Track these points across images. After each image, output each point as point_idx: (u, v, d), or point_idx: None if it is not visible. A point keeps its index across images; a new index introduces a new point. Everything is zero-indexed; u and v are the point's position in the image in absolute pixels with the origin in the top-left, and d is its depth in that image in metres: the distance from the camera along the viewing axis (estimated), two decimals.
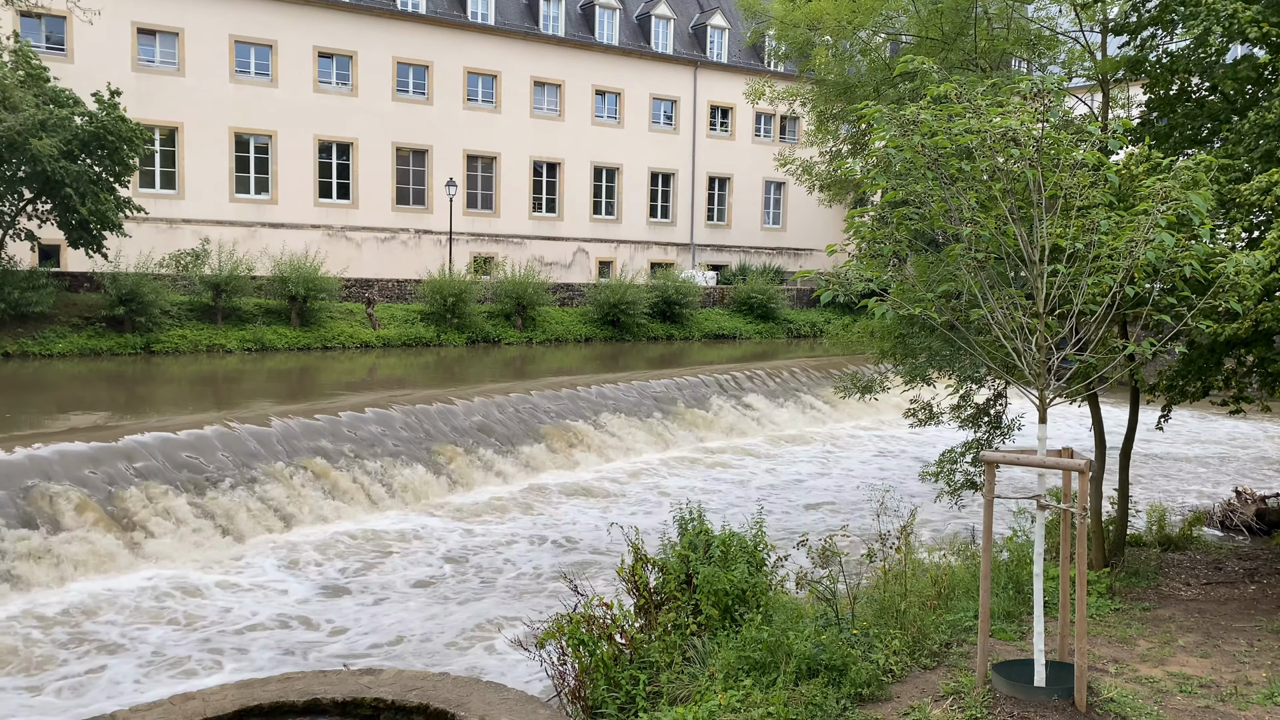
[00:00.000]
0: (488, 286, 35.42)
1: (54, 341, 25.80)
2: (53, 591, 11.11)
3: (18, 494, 12.20)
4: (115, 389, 22.54)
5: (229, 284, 29.19)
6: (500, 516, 14.94)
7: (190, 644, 9.82)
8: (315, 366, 27.31)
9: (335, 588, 11.60)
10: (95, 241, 26.65)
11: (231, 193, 37.05)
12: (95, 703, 8.53)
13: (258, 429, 15.49)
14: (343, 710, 7.45)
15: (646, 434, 20.31)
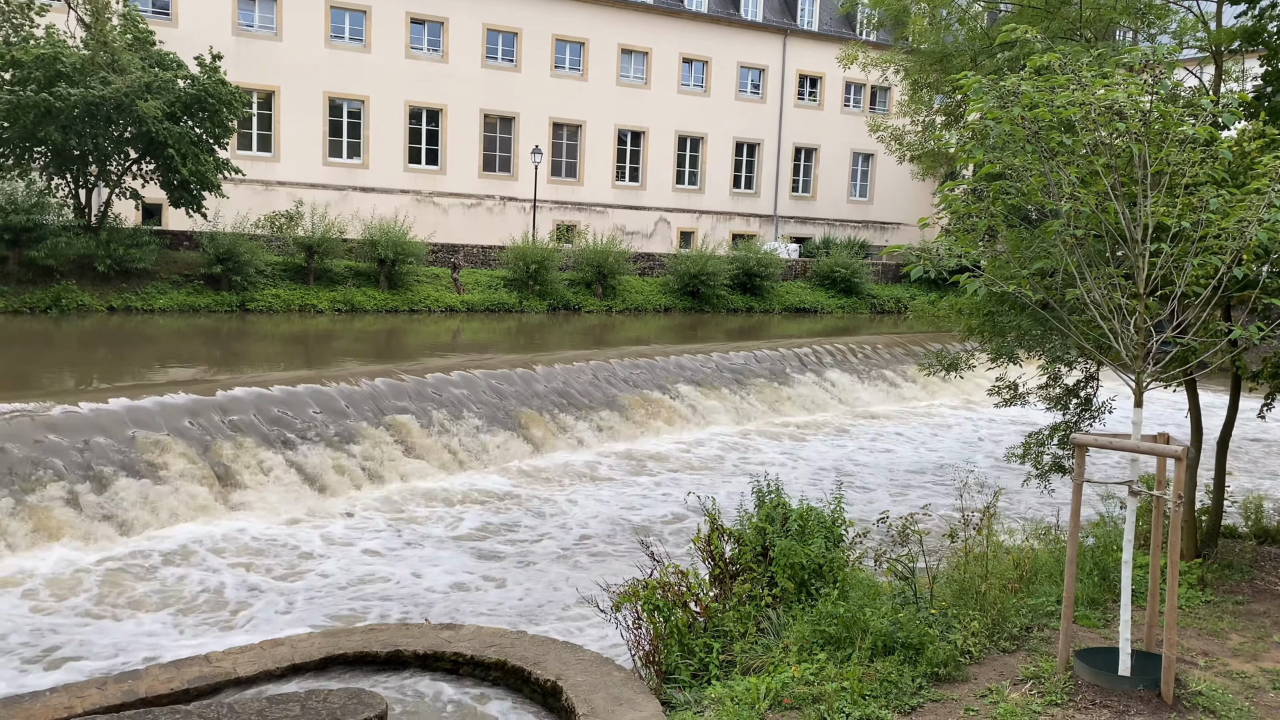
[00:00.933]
0: (569, 254, 35.64)
1: (155, 297, 26.82)
2: (152, 536, 11.62)
3: (122, 442, 12.77)
4: (212, 344, 23.37)
5: (321, 246, 29.93)
6: (577, 481, 15.13)
7: (278, 591, 10.20)
8: (402, 329, 27.90)
9: (416, 543, 11.91)
10: (195, 201, 27.55)
11: (325, 156, 37.89)
12: (190, 642, 8.94)
13: (347, 388, 15.92)
14: (423, 663, 7.68)
15: (723, 406, 20.29)
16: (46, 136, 25.04)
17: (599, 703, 6.57)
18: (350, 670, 7.58)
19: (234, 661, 7.45)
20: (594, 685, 6.84)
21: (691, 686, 6.90)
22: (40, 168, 26.30)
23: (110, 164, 26.88)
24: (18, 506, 11.19)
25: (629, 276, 36.35)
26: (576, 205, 43.45)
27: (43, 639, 8.79)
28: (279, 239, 30.43)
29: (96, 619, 9.33)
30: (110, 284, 26.35)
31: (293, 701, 6.26)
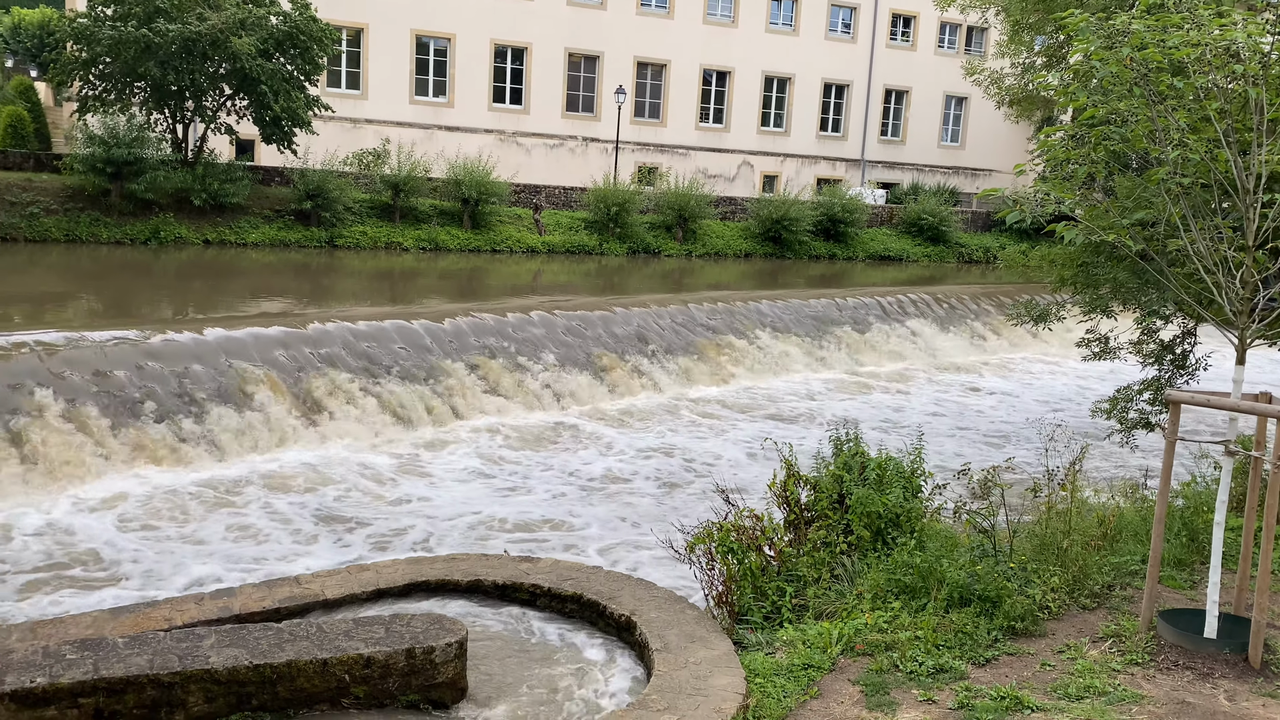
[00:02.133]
0: (650, 197, 35.44)
1: (248, 231, 27.56)
2: (244, 462, 12.10)
3: (218, 371, 13.25)
4: (301, 279, 23.98)
5: (406, 184, 30.30)
6: (653, 424, 15.23)
7: (361, 518, 10.56)
8: (483, 269, 28.21)
9: (493, 477, 12.17)
10: (286, 138, 28.08)
11: (411, 95, 38.18)
12: (280, 562, 9.33)
13: (431, 325, 16.22)
14: (502, 593, 7.89)
15: (802, 353, 20.13)
16: (146, 72, 25.70)
17: (672, 639, 6.69)
18: (431, 596, 7.84)
19: (322, 584, 7.76)
20: (667, 622, 6.96)
21: (763, 628, 6.97)
22: (140, 103, 27.05)
23: (205, 100, 27.51)
24: (120, 429, 11.73)
25: (709, 221, 36.04)
26: (659, 147, 43.09)
27: (139, 556, 9.26)
28: (366, 177, 30.89)
29: (189, 539, 9.79)
30: (205, 218, 27.14)
31: (378, 624, 6.51)
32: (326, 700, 6.05)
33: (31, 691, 5.47)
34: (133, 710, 5.67)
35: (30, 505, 10.17)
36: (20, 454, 10.84)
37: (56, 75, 27.51)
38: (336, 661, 6.04)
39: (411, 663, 6.19)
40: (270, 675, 5.89)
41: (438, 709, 6.27)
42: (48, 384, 11.71)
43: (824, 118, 46.70)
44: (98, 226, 25.51)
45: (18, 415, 11.16)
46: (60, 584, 8.55)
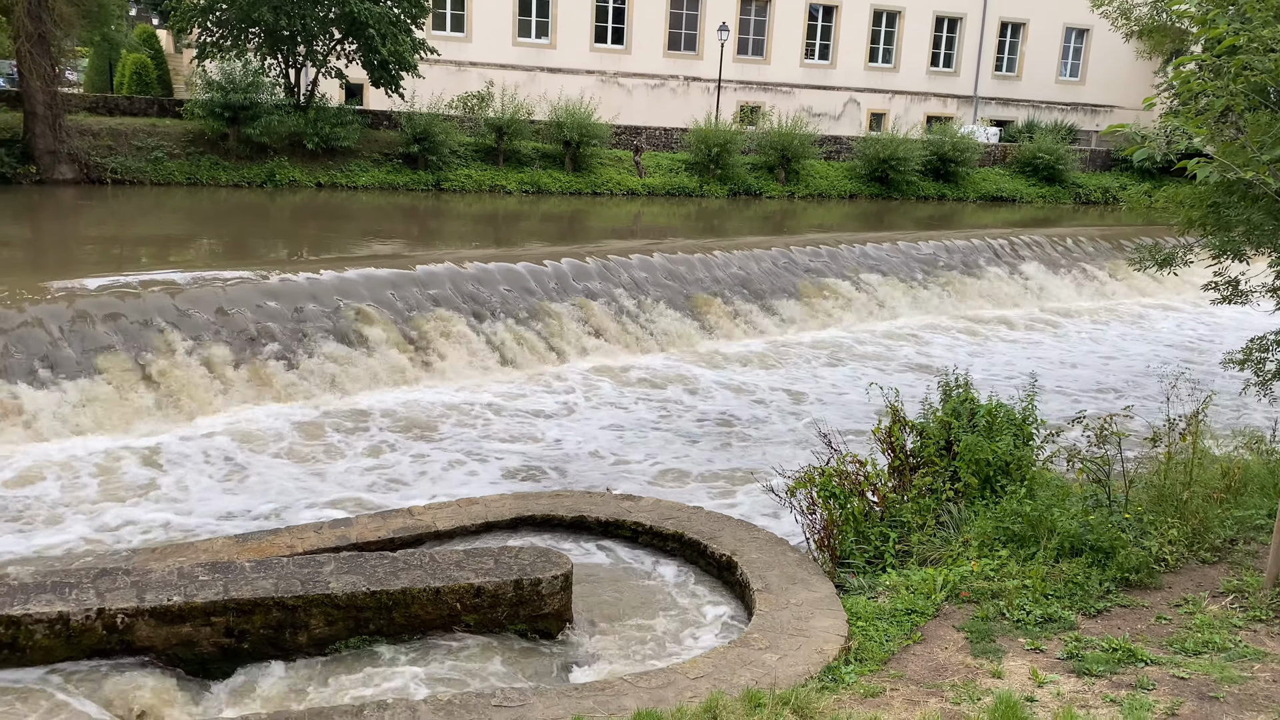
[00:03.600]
0: (752, 137, 34.85)
1: (358, 175, 28.20)
2: (356, 397, 12.52)
3: (330, 311, 13.69)
4: (409, 221, 24.48)
5: (510, 127, 30.47)
6: (753, 368, 15.16)
7: (467, 453, 10.85)
8: (584, 211, 28.30)
9: (592, 416, 12.34)
10: (393, 81, 28.48)
11: (514, 36, 38.18)
12: (392, 493, 9.69)
13: (534, 266, 16.41)
14: (604, 529, 8.05)
15: (909, 297, 19.69)
16: (260, 17, 26.32)
17: (773, 579, 6.73)
18: (537, 531, 8.06)
19: (434, 516, 8.04)
20: (768, 563, 7.00)
21: (865, 573, 6.95)
22: (255, 48, 27.75)
23: (316, 44, 28.05)
24: (240, 365, 12.26)
25: (814, 161, 35.28)
26: (762, 85, 42.22)
27: (260, 485, 9.72)
28: (470, 120, 31.16)
29: (306, 469, 10.22)
30: (318, 161, 27.84)
31: (487, 556, 6.73)
32: (439, 627, 6.31)
33: (169, 609, 5.85)
34: (259, 630, 6.01)
35: (159, 434, 10.76)
36: (151, 386, 11.45)
37: (177, 23, 28.40)
38: (449, 590, 6.27)
39: (519, 593, 6.39)
40: (386, 601, 6.16)
41: (544, 638, 6.48)
42: (175, 321, 12.30)
43: (935, 53, 44.96)
44: (217, 170, 26.45)
45: (149, 350, 11.77)
46: (193, 502, 9.06)
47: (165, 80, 35.17)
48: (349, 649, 6.10)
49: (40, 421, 10.44)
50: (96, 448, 10.26)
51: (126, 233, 20.26)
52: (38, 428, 10.38)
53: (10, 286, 12.12)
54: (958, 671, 5.40)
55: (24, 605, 5.69)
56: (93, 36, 30.53)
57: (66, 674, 5.61)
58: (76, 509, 8.84)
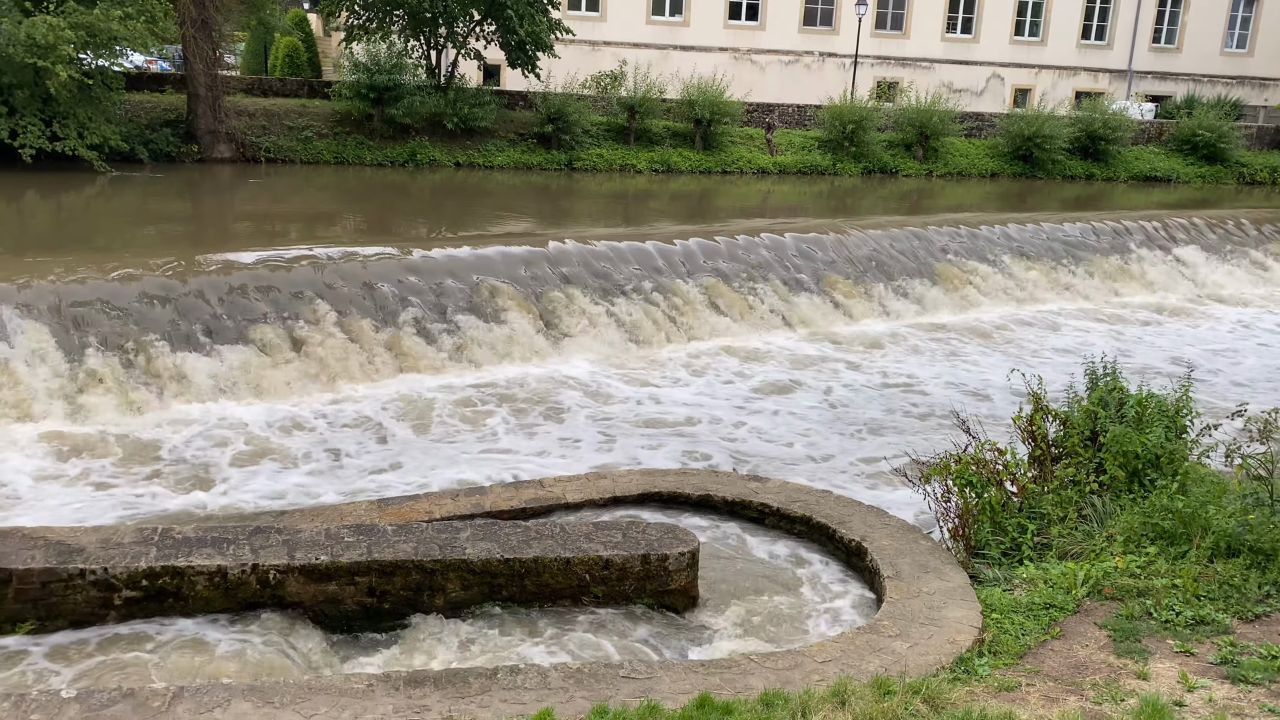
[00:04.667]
0: (889, 114, 33.93)
1: (494, 154, 28.82)
2: (490, 371, 12.86)
3: (468, 286, 14.07)
4: (542, 200, 24.89)
5: (641, 106, 30.55)
6: (886, 351, 14.84)
7: (599, 429, 11.01)
8: (714, 190, 28.18)
9: (720, 395, 12.32)
10: (530, 62, 28.92)
11: (648, 15, 38.21)
12: (523, 464, 9.91)
13: (663, 245, 16.45)
14: (731, 509, 8.05)
15: (1052, 280, 18.88)
16: (404, 0, 27.12)
17: (904, 567, 6.60)
18: (663, 508, 8.12)
19: (564, 488, 8.21)
20: (899, 550, 6.87)
21: (1001, 564, 6.74)
22: (399, 31, 28.62)
23: (457, 25, 28.72)
24: (383, 337, 12.74)
25: (953, 138, 34.11)
26: (900, 61, 41.04)
27: (399, 452, 10.10)
28: (603, 99, 31.37)
29: (444, 438, 10.56)
30: (456, 141, 28.57)
31: (615, 529, 6.82)
32: (568, 597, 6.44)
33: (316, 567, 6.16)
34: (399, 591, 6.27)
35: (306, 401, 11.30)
36: (300, 355, 12.03)
37: (326, 6, 29.53)
38: (578, 561, 6.40)
39: (646, 568, 6.47)
40: (519, 569, 6.34)
41: (670, 613, 6.54)
42: (323, 294, 12.87)
43: (1087, 24, 42.73)
44: (361, 149, 27.46)
45: (299, 321, 12.37)
46: (338, 466, 9.51)
47: (315, 63, 36.67)
48: (482, 613, 6.30)
49: (199, 386, 11.11)
50: (249, 413, 10.86)
51: (278, 209, 21.29)
52: (196, 392, 11.05)
53: (174, 259, 12.90)
54: (1099, 670, 5.20)
55: (187, 558, 6.09)
56: (249, 21, 32.03)
57: (225, 623, 5.99)
58: (230, 470, 9.39)
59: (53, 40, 20.20)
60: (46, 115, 21.80)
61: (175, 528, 6.54)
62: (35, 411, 9.91)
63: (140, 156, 23.78)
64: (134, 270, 12.10)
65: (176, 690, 4.72)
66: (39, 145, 21.33)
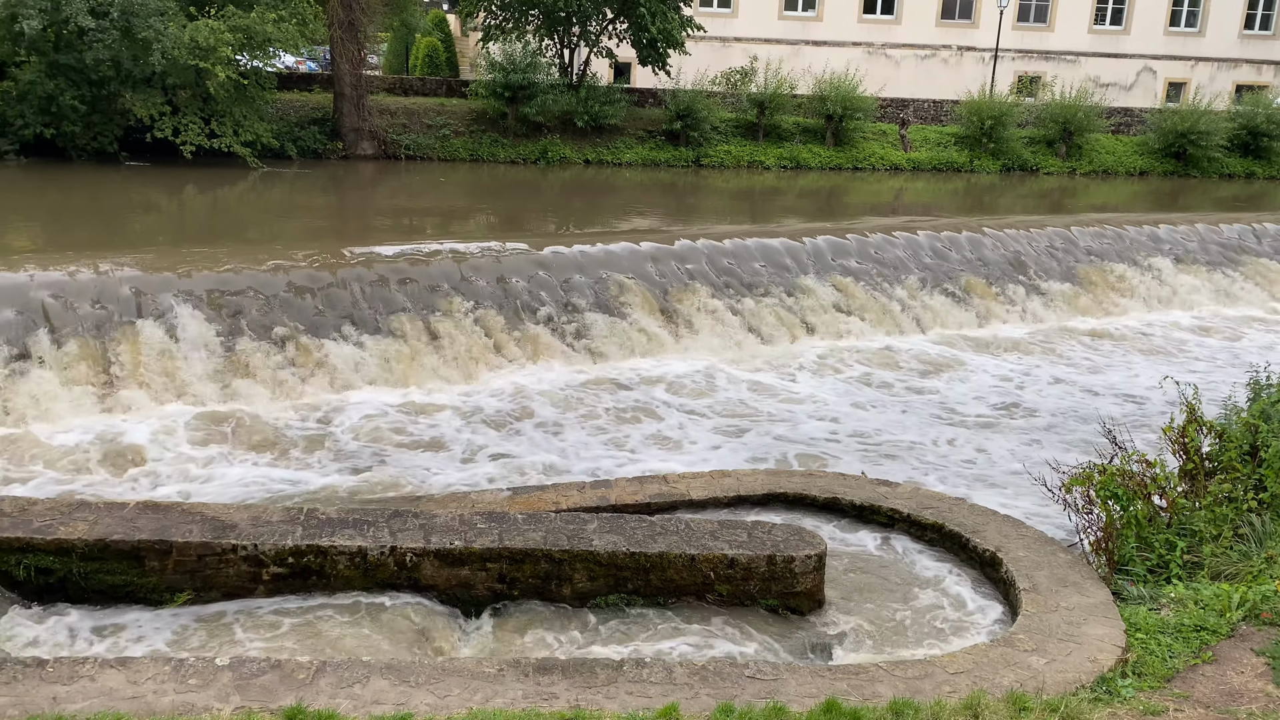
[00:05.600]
0: (1030, 109, 32.69)
1: (623, 151, 29.08)
2: (617, 366, 12.97)
3: (594, 282, 14.24)
4: (669, 196, 24.99)
5: (771, 102, 30.31)
6: (1025, 355, 14.31)
7: (721, 425, 10.98)
8: (844, 187, 27.72)
9: (850, 397, 12.11)
10: (660, 59, 29.06)
11: (780, 10, 37.86)
12: (646, 458, 9.98)
13: (791, 243, 16.27)
14: (859, 513, 7.91)
15: (1208, 285, 17.84)
16: (540, 0, 27.65)
17: (1041, 580, 6.36)
18: (789, 509, 8.04)
19: (688, 485, 8.22)
20: (1036, 563, 6.62)
21: (1147, 582, 6.42)
22: (533, 30, 29.20)
23: (590, 24, 29.10)
24: (514, 330, 13.02)
25: (1099, 135, 32.61)
26: (1043, 54, 39.45)
27: (528, 442, 10.30)
28: (732, 96, 31.27)
29: (572, 429, 10.72)
30: (586, 138, 28.97)
31: (740, 529, 6.80)
32: (692, 593, 6.46)
33: (451, 552, 6.35)
34: (529, 578, 6.41)
35: (440, 390, 11.66)
36: (436, 346, 12.41)
37: (465, 7, 30.39)
38: (703, 559, 6.41)
39: (772, 569, 6.42)
40: (645, 563, 6.38)
41: (794, 615, 6.48)
42: (458, 287, 13.24)
43: (1251, 13, 40.14)
44: (496, 147, 28.14)
45: (435, 313, 12.76)
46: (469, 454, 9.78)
47: (453, 62, 37.74)
48: (608, 605, 6.38)
49: (341, 373, 11.59)
50: (387, 399, 11.27)
51: (416, 204, 22.03)
52: (338, 379, 11.53)
53: (320, 251, 13.49)
54: (1256, 699, 4.89)
55: (330, 538, 6.38)
56: (392, 22, 33.27)
57: (363, 602, 6.24)
58: (369, 454, 9.77)
59: (213, 43, 21.40)
60: (205, 114, 23.13)
61: (319, 508, 6.85)
62: (192, 393, 10.54)
63: (289, 153, 24.97)
64: (283, 261, 12.71)
65: (320, 665, 4.95)
66: (198, 142, 22.64)
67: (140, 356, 10.63)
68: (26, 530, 6.20)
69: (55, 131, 22.28)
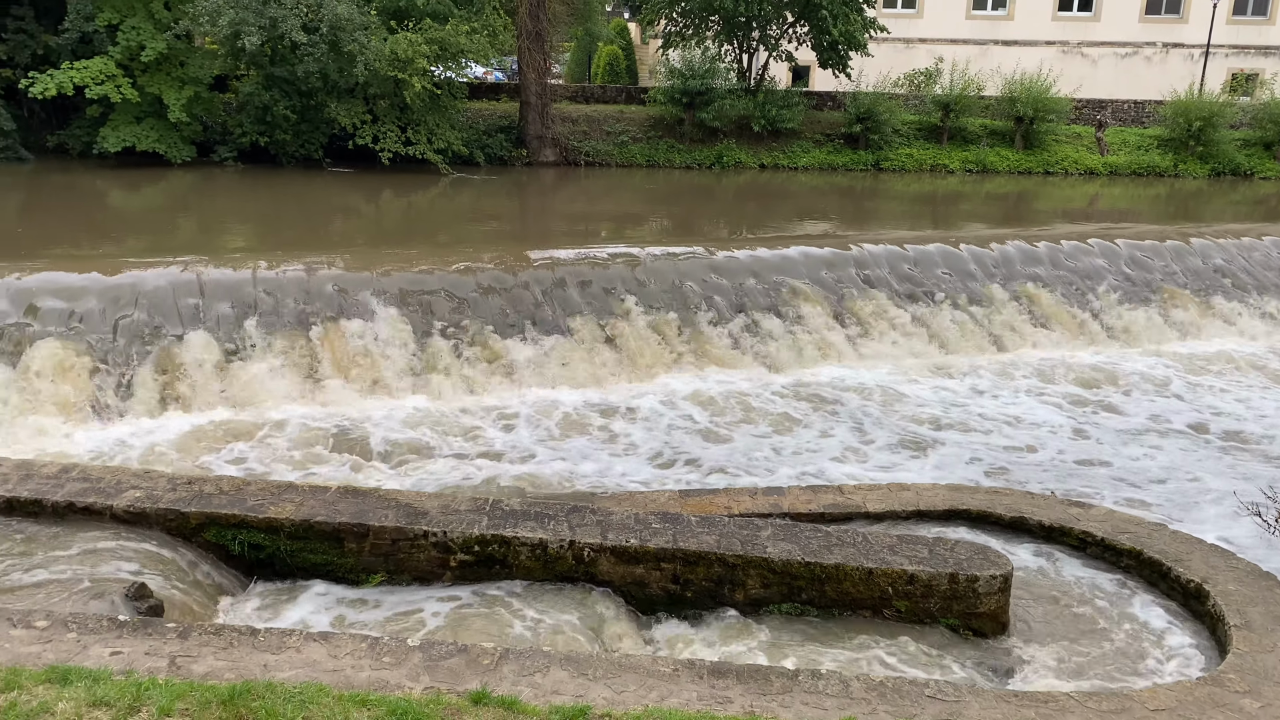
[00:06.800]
0: (1246, 109, 30.25)
1: (799, 155, 28.78)
2: (790, 372, 12.84)
3: (768, 287, 14.15)
4: (845, 201, 24.55)
5: (957, 104, 29.31)
6: (1235, 373, 13.25)
7: (901, 437, 10.68)
8: (1034, 192, 26.46)
9: (1037, 412, 11.53)
10: (841, 62, 28.60)
11: (968, 9, 36.55)
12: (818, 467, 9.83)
13: (976, 250, 15.67)
14: (1047, 534, 7.55)
15: None
16: (720, 5, 27.73)
17: (1255, 617, 5.88)
18: (971, 526, 7.74)
19: (864, 497, 8.05)
20: (1250, 598, 6.12)
21: None
22: (713, 36, 29.31)
23: (770, 28, 28.97)
24: (687, 334, 13.09)
25: None
26: (1262, 49, 36.41)
27: (699, 445, 10.34)
28: (916, 98, 30.42)
29: (743, 433, 10.69)
30: (762, 143, 28.84)
31: (920, 544, 6.60)
32: (869, 608, 6.32)
33: (627, 549, 6.46)
34: (701, 581, 6.44)
35: (615, 390, 11.86)
36: (611, 347, 12.65)
37: (647, 15, 30.84)
38: (881, 573, 6.26)
39: (954, 587, 6.21)
40: (820, 574, 6.30)
41: (977, 637, 6.23)
42: (633, 290, 13.45)
43: None
44: (672, 152, 28.42)
45: (611, 316, 13.01)
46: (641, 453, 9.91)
47: (632, 70, 38.40)
48: (781, 613, 6.32)
49: (522, 371, 12.00)
50: (565, 397, 11.57)
51: (594, 209, 22.53)
52: (520, 376, 11.94)
53: (504, 254, 14.00)
54: None
55: (514, 529, 6.61)
56: (576, 31, 34.13)
57: (542, 593, 6.43)
58: (547, 450, 10.06)
59: (411, 55, 22.58)
60: (402, 122, 24.42)
61: (503, 500, 7.11)
62: (389, 386, 11.16)
63: (476, 159, 26.03)
64: (471, 263, 13.27)
65: (503, 652, 5.14)
66: (395, 149, 23.94)
67: (343, 350, 11.35)
68: (241, 508, 6.72)
69: (269, 139, 24.08)
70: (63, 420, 9.91)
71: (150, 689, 4.46)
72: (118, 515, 6.68)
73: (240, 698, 4.44)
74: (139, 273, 11.66)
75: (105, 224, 18.24)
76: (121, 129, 23.11)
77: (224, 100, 25.36)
